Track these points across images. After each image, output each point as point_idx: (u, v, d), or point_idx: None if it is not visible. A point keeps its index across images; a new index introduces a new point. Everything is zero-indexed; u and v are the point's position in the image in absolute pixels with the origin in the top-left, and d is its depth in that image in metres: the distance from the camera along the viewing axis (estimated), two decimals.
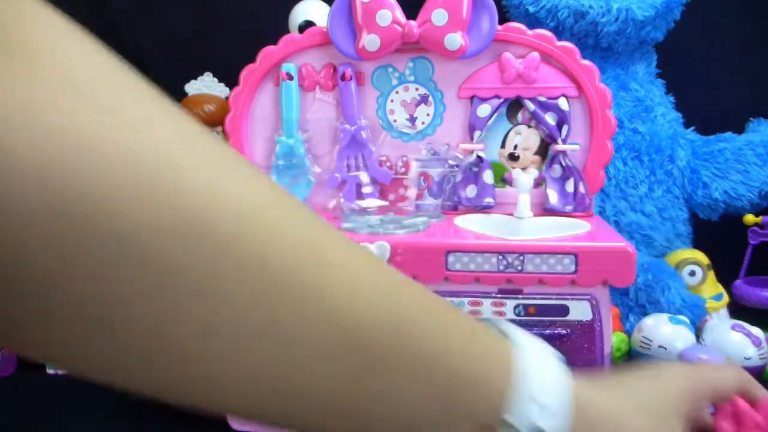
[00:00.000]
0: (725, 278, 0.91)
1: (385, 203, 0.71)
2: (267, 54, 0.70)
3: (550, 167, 0.70)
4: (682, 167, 0.95)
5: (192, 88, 1.01)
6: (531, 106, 0.69)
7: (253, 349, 0.20)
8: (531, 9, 0.93)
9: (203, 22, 1.17)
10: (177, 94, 0.98)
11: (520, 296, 0.57)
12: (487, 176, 0.70)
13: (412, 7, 0.68)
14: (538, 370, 0.27)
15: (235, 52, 0.75)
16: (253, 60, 0.71)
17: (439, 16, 0.66)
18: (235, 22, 1.16)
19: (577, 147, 0.69)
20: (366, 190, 0.72)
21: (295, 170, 0.73)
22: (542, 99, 0.68)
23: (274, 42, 0.71)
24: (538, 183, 0.71)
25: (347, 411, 0.23)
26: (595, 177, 0.69)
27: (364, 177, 0.72)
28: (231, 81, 0.75)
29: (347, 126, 0.71)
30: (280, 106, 0.72)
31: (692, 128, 1.00)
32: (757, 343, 0.72)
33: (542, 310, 0.57)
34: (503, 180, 0.72)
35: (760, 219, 0.89)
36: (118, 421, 0.68)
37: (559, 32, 0.90)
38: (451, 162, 0.71)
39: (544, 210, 0.69)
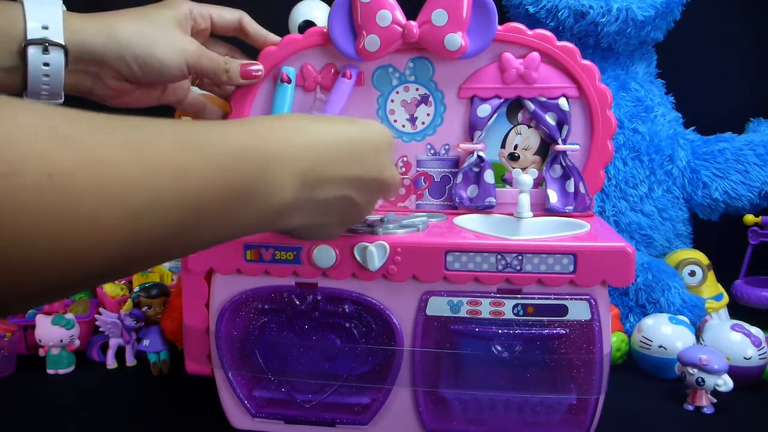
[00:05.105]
0: (725, 278, 0.91)
1: None
2: (267, 54, 0.70)
3: (550, 167, 0.70)
4: (682, 167, 0.95)
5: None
6: (531, 106, 0.69)
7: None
8: (531, 9, 0.93)
9: None
10: None
11: (519, 296, 0.57)
12: (488, 176, 0.70)
13: (412, 7, 0.68)
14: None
15: None
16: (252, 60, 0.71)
17: (439, 16, 0.66)
18: None
19: (577, 147, 0.69)
20: None
21: None
22: (542, 99, 0.68)
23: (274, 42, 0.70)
24: (538, 183, 0.71)
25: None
26: (595, 177, 0.69)
27: None
28: None
29: None
30: (272, 106, 0.71)
31: (692, 128, 1.00)
32: (757, 343, 0.72)
33: (541, 310, 0.57)
34: (503, 180, 0.72)
35: (760, 219, 0.89)
36: (118, 421, 0.68)
37: (560, 32, 0.91)
38: (451, 162, 0.71)
39: (544, 210, 0.69)
